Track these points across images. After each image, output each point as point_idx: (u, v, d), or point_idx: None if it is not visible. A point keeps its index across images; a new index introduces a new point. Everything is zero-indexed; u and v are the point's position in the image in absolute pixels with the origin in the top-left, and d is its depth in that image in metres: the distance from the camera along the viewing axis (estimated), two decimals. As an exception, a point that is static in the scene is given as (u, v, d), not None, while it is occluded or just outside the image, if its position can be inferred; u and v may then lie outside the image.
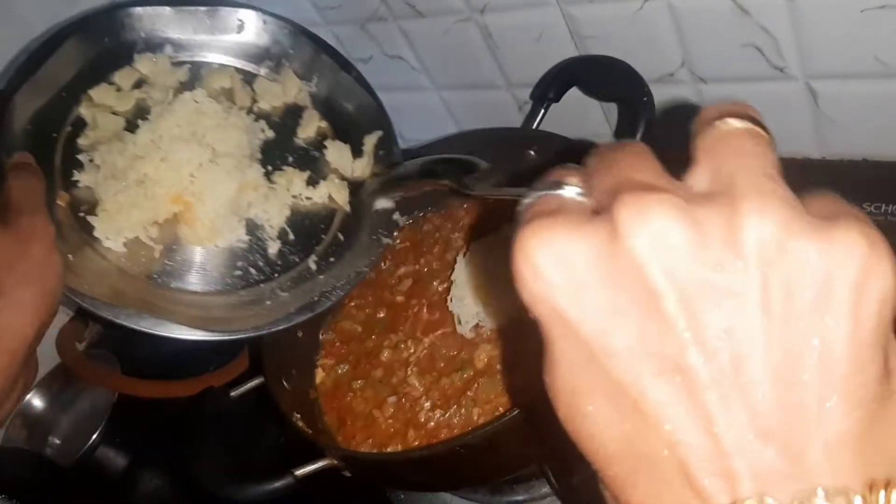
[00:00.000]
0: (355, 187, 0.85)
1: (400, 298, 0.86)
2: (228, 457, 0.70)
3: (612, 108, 0.97)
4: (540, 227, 0.27)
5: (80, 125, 0.78)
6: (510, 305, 0.72)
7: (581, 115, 0.97)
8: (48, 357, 1.16)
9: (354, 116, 0.89)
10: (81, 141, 0.77)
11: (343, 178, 0.85)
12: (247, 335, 0.73)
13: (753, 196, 0.26)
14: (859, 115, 0.82)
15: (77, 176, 0.75)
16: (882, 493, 0.24)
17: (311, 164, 0.85)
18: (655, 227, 0.25)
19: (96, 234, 0.73)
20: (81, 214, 0.74)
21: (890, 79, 0.77)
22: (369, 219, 0.85)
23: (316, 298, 0.77)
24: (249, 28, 0.88)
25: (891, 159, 0.84)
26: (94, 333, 1.23)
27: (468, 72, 1.02)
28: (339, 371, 0.84)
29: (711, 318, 0.25)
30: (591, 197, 0.29)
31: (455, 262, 0.83)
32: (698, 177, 0.28)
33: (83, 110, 0.79)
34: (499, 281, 0.74)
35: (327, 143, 0.86)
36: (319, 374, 0.85)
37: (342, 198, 0.84)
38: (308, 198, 0.83)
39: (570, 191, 0.29)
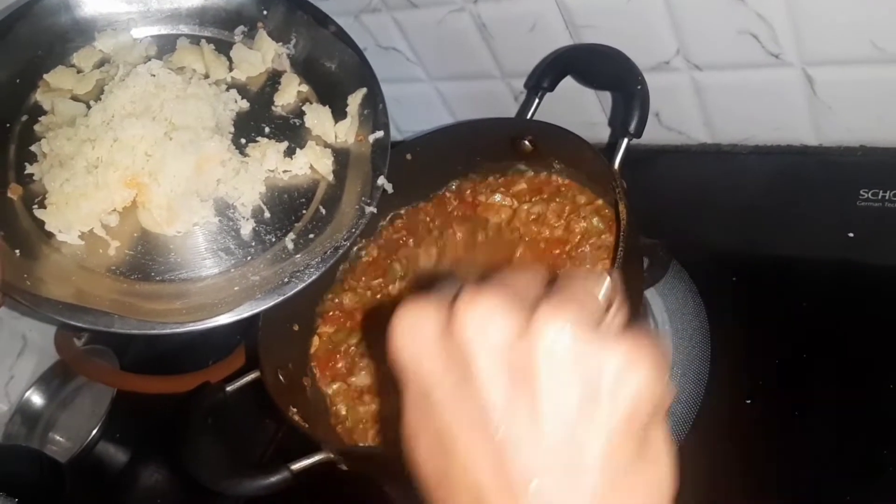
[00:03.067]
0: (340, 154, 0.78)
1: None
2: (224, 452, 0.69)
3: (607, 96, 0.96)
4: (409, 309, 0.35)
5: (39, 112, 0.74)
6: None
7: (576, 104, 0.96)
8: (47, 354, 1.16)
9: (337, 75, 0.81)
10: (38, 128, 0.73)
11: (326, 144, 0.78)
12: (202, 326, 0.67)
13: (554, 309, 0.32)
14: (856, 102, 0.81)
15: (30, 168, 0.71)
16: None
17: (291, 133, 0.78)
18: (476, 318, 0.33)
19: (48, 228, 0.68)
20: (36, 207, 0.69)
21: (887, 64, 0.76)
22: (353, 185, 0.77)
23: (286, 280, 0.70)
24: None
25: (888, 145, 0.83)
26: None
27: (463, 62, 1.01)
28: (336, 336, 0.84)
29: (507, 389, 0.32)
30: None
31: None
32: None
33: (39, 96, 0.74)
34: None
35: (306, 107, 0.78)
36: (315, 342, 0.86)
37: (325, 167, 0.77)
38: (286, 171, 0.76)
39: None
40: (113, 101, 0.72)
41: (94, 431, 1.06)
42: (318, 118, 0.78)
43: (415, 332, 0.34)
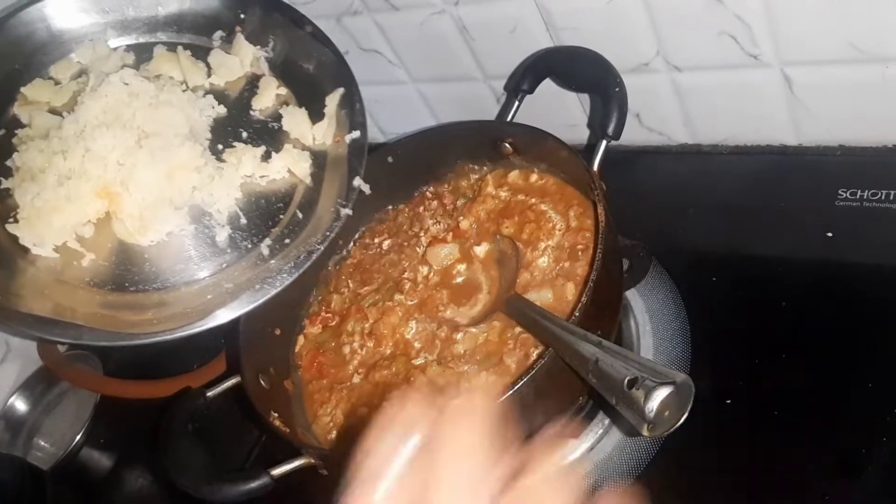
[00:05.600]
0: (318, 156, 0.77)
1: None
2: (205, 457, 0.69)
3: (587, 98, 0.96)
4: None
5: (17, 126, 0.73)
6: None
7: (556, 106, 0.96)
8: (30, 359, 1.15)
9: (315, 76, 0.81)
10: (14, 142, 0.72)
11: (304, 147, 0.77)
12: (170, 336, 0.66)
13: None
14: (834, 102, 0.82)
15: (5, 182, 0.70)
16: None
17: (269, 136, 0.77)
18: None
19: (22, 242, 0.68)
20: (11, 221, 0.69)
21: (864, 64, 0.77)
22: (330, 187, 0.76)
23: (258, 287, 0.69)
24: None
25: (866, 144, 0.84)
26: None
27: (445, 65, 1.01)
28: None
29: None
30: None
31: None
32: None
33: (16, 109, 0.74)
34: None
35: (282, 110, 0.78)
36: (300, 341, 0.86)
37: (302, 170, 0.76)
38: (263, 175, 0.75)
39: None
40: (85, 112, 0.71)
41: (78, 437, 1.06)
42: (295, 121, 0.77)
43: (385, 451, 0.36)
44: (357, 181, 0.76)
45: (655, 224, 0.87)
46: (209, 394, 0.75)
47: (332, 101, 0.78)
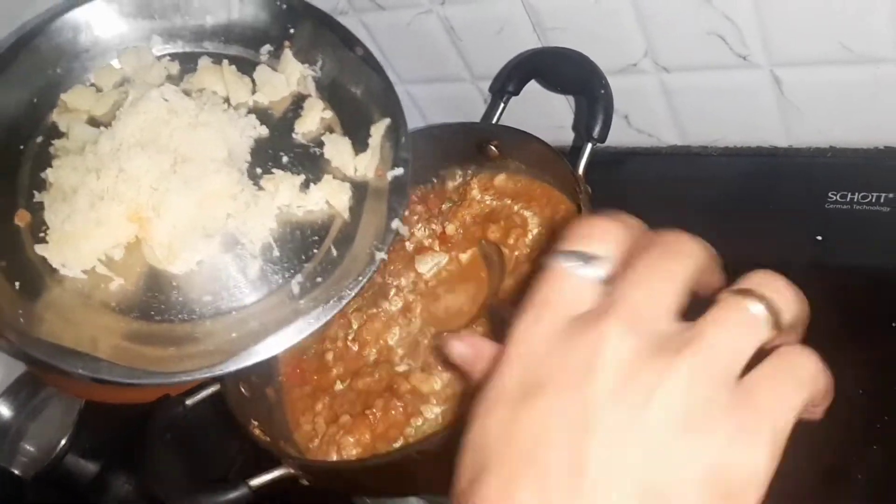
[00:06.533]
0: (358, 187, 0.73)
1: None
2: (183, 466, 0.68)
3: (574, 100, 0.95)
4: (536, 312, 0.32)
5: (56, 134, 0.70)
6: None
7: (543, 108, 0.95)
8: (15, 364, 1.14)
9: (361, 102, 0.76)
10: (52, 151, 0.69)
11: (345, 177, 0.73)
12: (189, 378, 0.63)
13: (694, 357, 0.29)
14: (825, 103, 0.81)
15: (38, 196, 0.67)
16: None
17: (310, 163, 0.73)
18: (618, 351, 0.29)
19: (50, 262, 0.65)
20: (42, 237, 0.66)
21: (855, 65, 0.76)
22: (367, 225, 0.72)
23: (283, 331, 0.65)
24: (244, 8, 0.77)
25: (858, 146, 0.83)
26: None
27: (432, 65, 1.00)
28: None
29: (622, 414, 0.28)
30: (608, 284, 0.32)
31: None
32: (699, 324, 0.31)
33: (55, 116, 0.71)
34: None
35: (324, 137, 0.74)
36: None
37: (341, 203, 0.71)
38: (300, 206, 0.71)
39: (592, 274, 0.32)
40: (122, 129, 0.68)
41: (63, 442, 1.05)
42: (338, 149, 0.73)
43: (533, 343, 0.31)
44: (395, 223, 0.71)
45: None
46: (188, 401, 0.73)
47: (378, 131, 0.74)
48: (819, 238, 0.77)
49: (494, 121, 0.83)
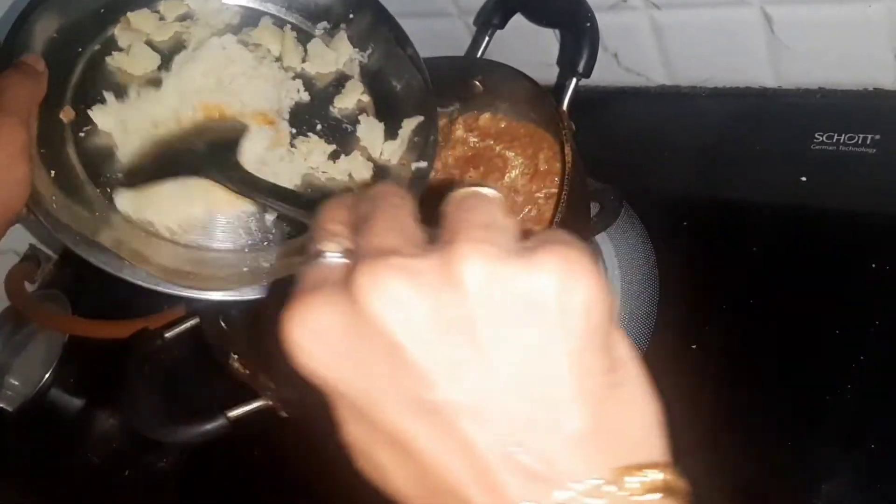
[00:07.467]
0: (380, 171, 0.76)
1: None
2: (162, 399, 0.68)
3: (560, 36, 0.94)
4: (296, 307, 0.30)
5: (112, 47, 0.72)
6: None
7: (527, 42, 0.93)
8: (-2, 299, 1.14)
9: (400, 96, 0.80)
10: (108, 61, 0.71)
11: (370, 158, 0.77)
12: (202, 296, 0.65)
13: (464, 243, 0.28)
14: (815, 42, 0.79)
15: (93, 111, 0.69)
16: (630, 478, 0.28)
17: (340, 137, 0.76)
18: (385, 289, 0.28)
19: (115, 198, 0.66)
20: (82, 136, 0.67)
21: (847, 2, 0.74)
22: None
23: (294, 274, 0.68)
24: None
25: (847, 87, 0.82)
26: (46, 274, 1.21)
27: (418, -1, 0.98)
28: None
29: (447, 353, 0.28)
30: (351, 256, 0.31)
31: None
32: (440, 234, 0.30)
33: (117, 31, 0.73)
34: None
35: (361, 118, 0.78)
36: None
37: (362, 179, 0.75)
38: (324, 172, 0.74)
39: (331, 257, 0.32)
40: (185, 73, 0.71)
41: (46, 377, 1.05)
42: (370, 130, 0.77)
43: (320, 337, 0.29)
44: None
45: (628, 168, 0.85)
46: (167, 335, 0.73)
47: (409, 125, 0.78)
48: (804, 179, 0.77)
49: (479, 55, 0.82)
